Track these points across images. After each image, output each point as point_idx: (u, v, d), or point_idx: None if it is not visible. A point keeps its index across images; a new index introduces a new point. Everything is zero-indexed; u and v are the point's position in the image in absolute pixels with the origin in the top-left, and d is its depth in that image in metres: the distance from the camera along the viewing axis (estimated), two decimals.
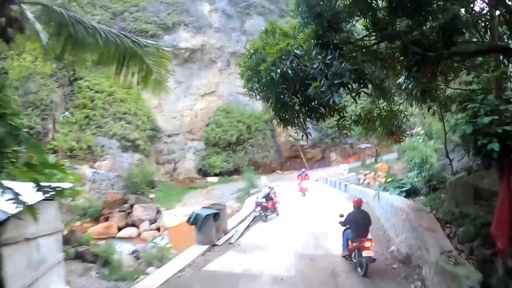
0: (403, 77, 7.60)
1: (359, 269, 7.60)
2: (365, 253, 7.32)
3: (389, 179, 13.75)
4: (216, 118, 39.06)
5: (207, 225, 9.90)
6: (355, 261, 7.80)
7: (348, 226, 8.24)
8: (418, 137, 32.92)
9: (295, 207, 16.99)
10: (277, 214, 14.64)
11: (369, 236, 7.78)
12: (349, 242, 8.02)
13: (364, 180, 28.53)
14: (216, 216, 10.12)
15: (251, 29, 40.44)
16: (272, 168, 39.42)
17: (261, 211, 13.93)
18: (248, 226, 12.89)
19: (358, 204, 8.30)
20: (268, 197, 14.65)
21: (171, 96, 37.32)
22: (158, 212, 24.76)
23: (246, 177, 29.68)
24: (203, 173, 37.26)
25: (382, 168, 28.52)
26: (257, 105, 41.14)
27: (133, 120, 32.01)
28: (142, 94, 34.61)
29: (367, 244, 7.39)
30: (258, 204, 14.30)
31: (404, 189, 10.92)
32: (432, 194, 9.49)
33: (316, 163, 40.38)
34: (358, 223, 7.92)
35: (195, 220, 9.90)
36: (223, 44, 40.58)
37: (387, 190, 11.94)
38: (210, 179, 35.67)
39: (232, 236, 11.07)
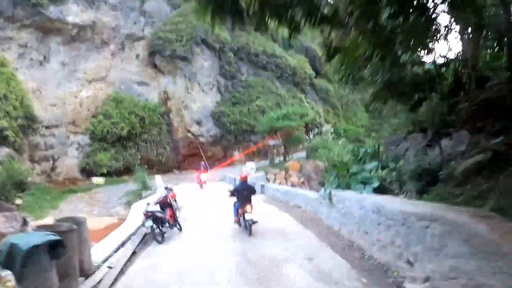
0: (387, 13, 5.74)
1: (247, 231, 9.31)
2: (247, 216, 9.37)
3: (340, 172, 10.27)
4: (104, 109, 34.21)
5: (37, 267, 4.61)
6: (243, 224, 9.65)
7: (237, 199, 10.03)
8: (330, 135, 33.77)
9: (205, 216, 13.02)
10: (180, 229, 10.46)
11: (252, 203, 9.67)
12: (239, 211, 9.78)
13: (275, 179, 27.49)
14: (56, 247, 4.93)
15: (152, 11, 37.58)
16: (168, 167, 36.78)
17: (154, 227, 9.33)
18: (134, 253, 8.44)
19: (244, 179, 10.73)
20: (164, 203, 10.55)
21: (52, 79, 31.93)
22: (25, 223, 20.19)
23: (138, 177, 26.65)
24: (88, 172, 32.53)
25: (294, 167, 28.12)
26: (153, 95, 37.86)
27: (2, 105, 25.97)
28: (18, 74, 28.88)
29: (248, 208, 9.41)
30: (148, 214, 9.47)
31: (373, 185, 8.47)
32: (441, 188, 6.99)
33: (217, 161, 39.02)
34: (243, 194, 9.84)
35: (8, 260, 4.48)
36: (119, 24, 35.66)
37: (348, 188, 9.12)
38: (96, 179, 31.39)
39: (101, 280, 6.39)
